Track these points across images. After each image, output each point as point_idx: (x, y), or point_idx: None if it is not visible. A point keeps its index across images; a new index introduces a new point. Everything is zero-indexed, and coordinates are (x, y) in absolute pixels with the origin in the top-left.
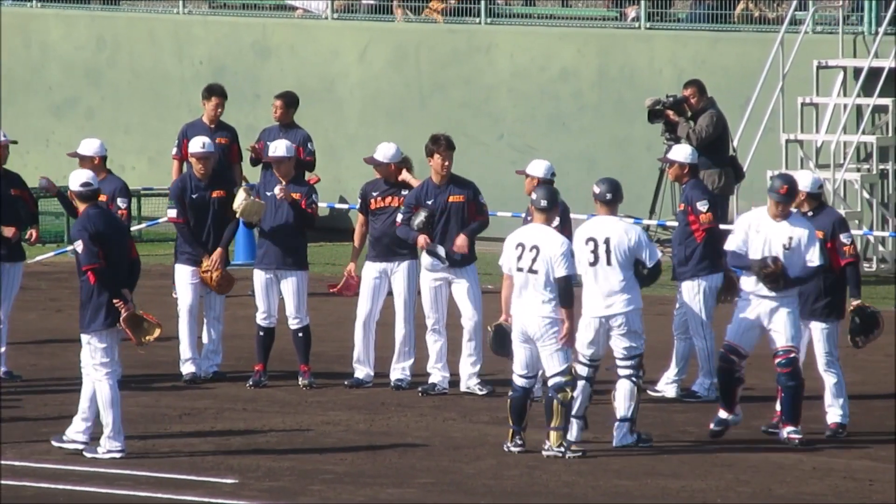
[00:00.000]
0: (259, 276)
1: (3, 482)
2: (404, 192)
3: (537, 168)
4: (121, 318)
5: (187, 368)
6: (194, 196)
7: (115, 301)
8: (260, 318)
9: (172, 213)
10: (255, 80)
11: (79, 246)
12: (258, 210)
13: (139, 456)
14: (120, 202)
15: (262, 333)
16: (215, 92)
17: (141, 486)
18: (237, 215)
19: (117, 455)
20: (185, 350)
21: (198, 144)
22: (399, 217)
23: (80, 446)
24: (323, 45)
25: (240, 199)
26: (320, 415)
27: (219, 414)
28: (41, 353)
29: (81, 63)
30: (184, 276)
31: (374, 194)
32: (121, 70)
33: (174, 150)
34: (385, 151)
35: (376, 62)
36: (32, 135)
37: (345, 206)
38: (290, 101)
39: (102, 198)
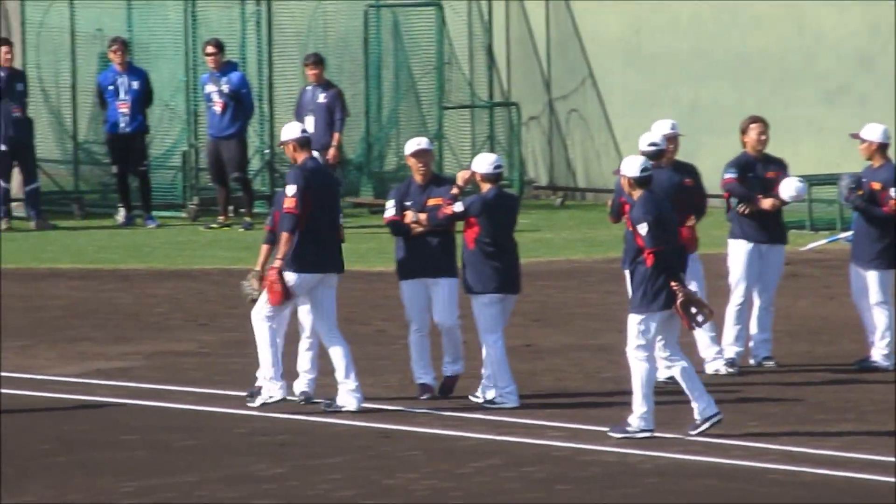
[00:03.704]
0: None
1: (780, 467)
2: None
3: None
4: (677, 302)
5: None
6: None
7: (673, 284)
8: None
9: None
10: None
11: (643, 228)
12: None
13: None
14: (892, 192)
15: None
16: None
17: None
18: None
19: (647, 434)
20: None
21: None
22: None
23: (641, 434)
24: None
25: None
26: None
27: None
28: (816, 341)
29: (854, 50)
30: None
31: None
32: (894, 57)
33: None
34: None
35: None
36: (804, 122)
37: None
38: None
39: (875, 186)
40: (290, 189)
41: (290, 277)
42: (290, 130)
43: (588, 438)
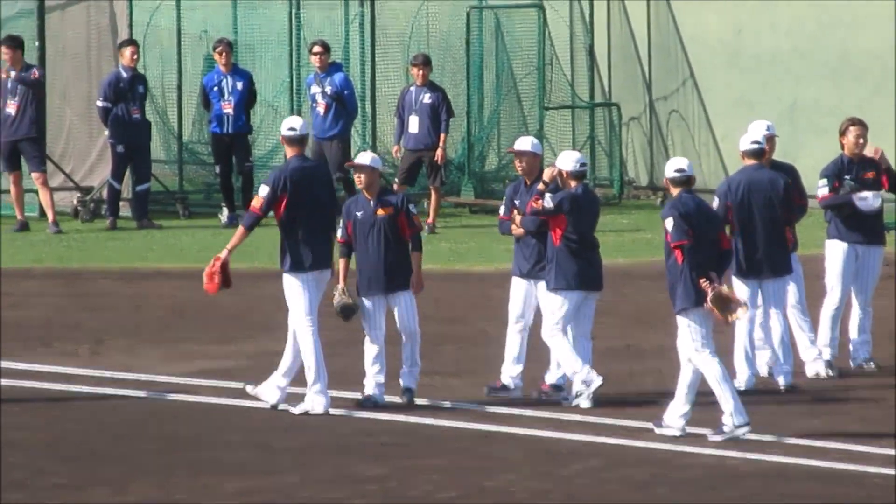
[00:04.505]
0: None
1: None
2: None
3: None
4: (707, 298)
5: None
6: None
7: (700, 281)
8: None
9: None
10: None
11: (668, 223)
12: None
13: None
14: None
15: None
16: None
17: None
18: None
19: (746, 428)
20: None
21: None
22: None
23: (678, 433)
24: None
25: None
26: None
27: None
28: None
29: None
30: None
31: None
32: None
33: None
34: None
35: None
36: None
37: None
38: None
39: None
40: (263, 189)
41: (290, 280)
42: (283, 124)
43: (688, 441)
